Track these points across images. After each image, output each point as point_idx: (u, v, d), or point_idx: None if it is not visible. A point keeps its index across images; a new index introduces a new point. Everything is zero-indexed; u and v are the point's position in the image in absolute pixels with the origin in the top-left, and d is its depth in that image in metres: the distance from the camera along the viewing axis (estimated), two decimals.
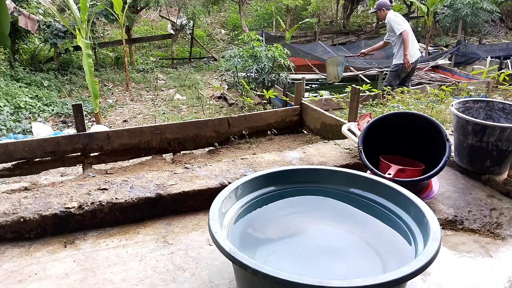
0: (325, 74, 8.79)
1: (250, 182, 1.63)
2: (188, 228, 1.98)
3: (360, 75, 8.76)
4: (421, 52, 10.79)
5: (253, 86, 6.89)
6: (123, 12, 8.37)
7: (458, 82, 7.08)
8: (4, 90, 7.20)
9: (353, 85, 4.02)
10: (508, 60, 8.62)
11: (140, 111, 7.71)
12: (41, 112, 7.12)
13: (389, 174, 1.98)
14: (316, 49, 10.22)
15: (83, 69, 6.25)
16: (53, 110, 7.29)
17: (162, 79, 10.08)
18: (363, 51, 6.79)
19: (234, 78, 7.68)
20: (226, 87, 8.64)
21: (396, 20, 5.85)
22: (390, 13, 5.96)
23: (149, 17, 15.70)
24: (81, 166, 3.71)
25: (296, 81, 5.09)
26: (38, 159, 3.51)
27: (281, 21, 13.43)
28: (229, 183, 2.06)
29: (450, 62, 9.64)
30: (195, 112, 7.48)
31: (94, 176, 3.46)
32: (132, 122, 7.11)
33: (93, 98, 6.14)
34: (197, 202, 2.13)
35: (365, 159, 2.12)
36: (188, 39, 12.56)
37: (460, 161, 2.50)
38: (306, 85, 7.33)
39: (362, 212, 1.65)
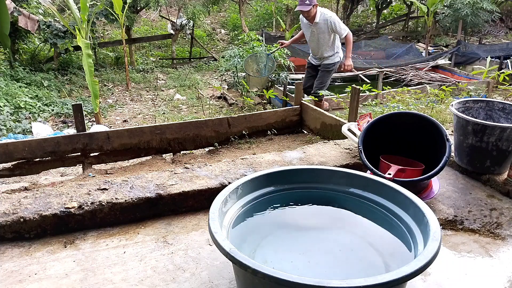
0: None
1: (250, 182, 1.63)
2: (188, 228, 1.98)
3: (360, 75, 8.75)
4: (421, 52, 10.85)
5: None
6: (123, 12, 8.37)
7: (458, 82, 7.09)
8: (4, 90, 7.19)
9: (353, 85, 4.02)
10: (508, 60, 8.61)
11: (140, 111, 7.71)
12: (41, 112, 7.11)
13: (389, 174, 1.98)
14: None
15: (83, 69, 6.25)
16: (53, 110, 7.29)
17: (162, 79, 10.07)
18: (285, 43, 6.08)
19: (234, 78, 7.68)
20: (226, 87, 8.64)
21: (340, 22, 5.27)
22: (329, 12, 5.30)
23: (149, 17, 15.69)
24: (81, 166, 3.72)
25: (296, 81, 5.08)
26: (38, 159, 3.51)
27: (281, 21, 13.42)
28: (229, 183, 2.06)
29: (450, 62, 9.63)
30: (195, 112, 7.48)
31: (94, 176, 3.46)
32: (132, 122, 7.10)
33: (93, 98, 6.14)
34: (197, 202, 2.13)
35: (365, 159, 2.12)
36: (188, 39, 12.55)
37: (460, 161, 2.50)
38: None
39: (362, 212, 1.65)
